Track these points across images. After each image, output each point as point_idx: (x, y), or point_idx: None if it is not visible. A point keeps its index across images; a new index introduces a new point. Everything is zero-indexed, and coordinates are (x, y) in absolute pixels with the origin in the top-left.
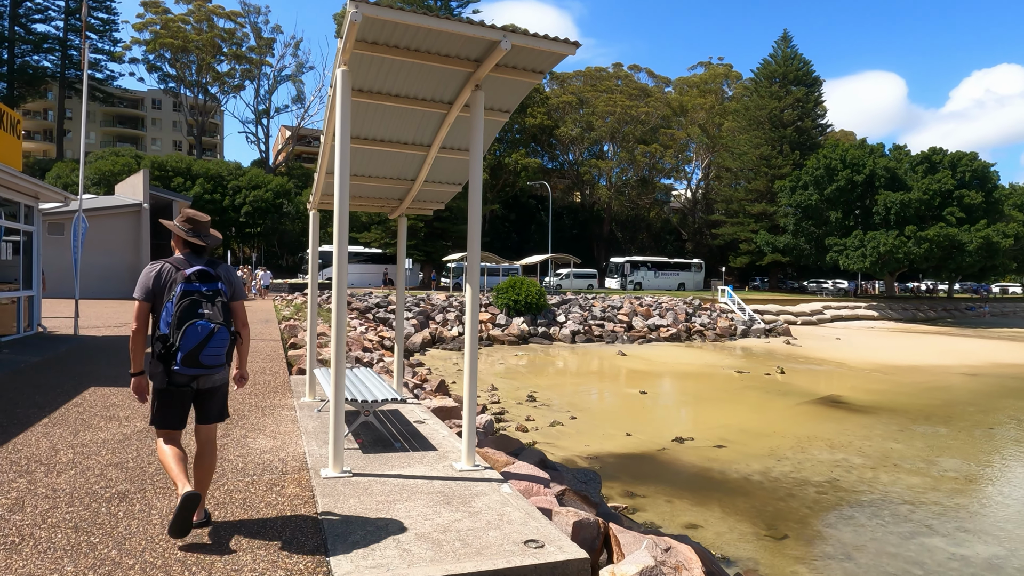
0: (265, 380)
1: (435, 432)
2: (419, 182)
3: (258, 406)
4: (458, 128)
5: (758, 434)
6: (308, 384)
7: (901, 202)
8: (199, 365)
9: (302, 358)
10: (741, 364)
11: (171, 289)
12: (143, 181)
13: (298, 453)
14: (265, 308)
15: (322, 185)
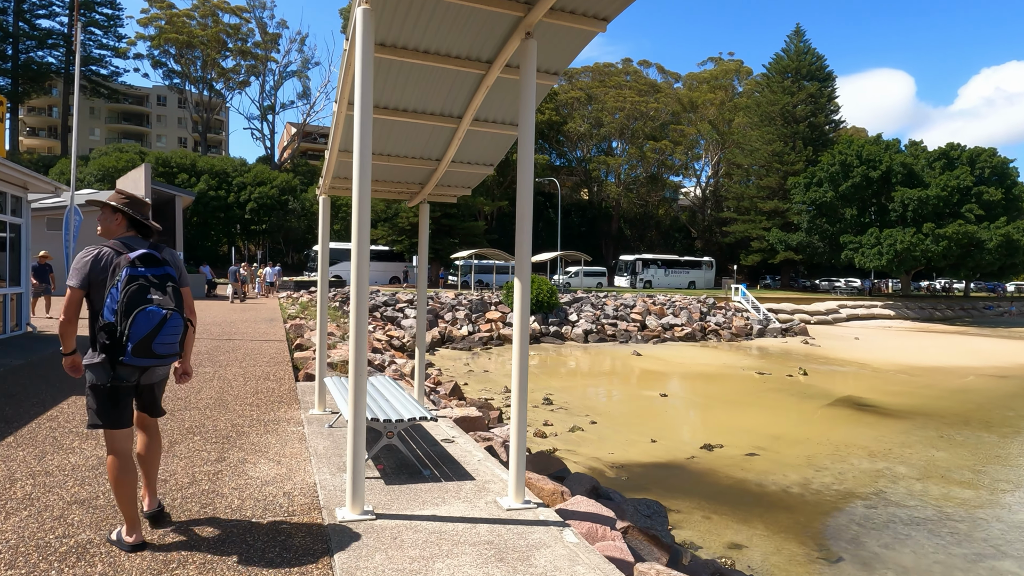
0: (269, 388)
1: (468, 454)
2: (445, 162)
3: (260, 420)
4: (495, 95)
5: (791, 441)
6: (317, 394)
7: (919, 199)
8: (152, 355)
9: (309, 361)
10: (761, 365)
11: (114, 275)
12: (144, 175)
13: (307, 485)
14: (270, 306)
15: (334, 166)
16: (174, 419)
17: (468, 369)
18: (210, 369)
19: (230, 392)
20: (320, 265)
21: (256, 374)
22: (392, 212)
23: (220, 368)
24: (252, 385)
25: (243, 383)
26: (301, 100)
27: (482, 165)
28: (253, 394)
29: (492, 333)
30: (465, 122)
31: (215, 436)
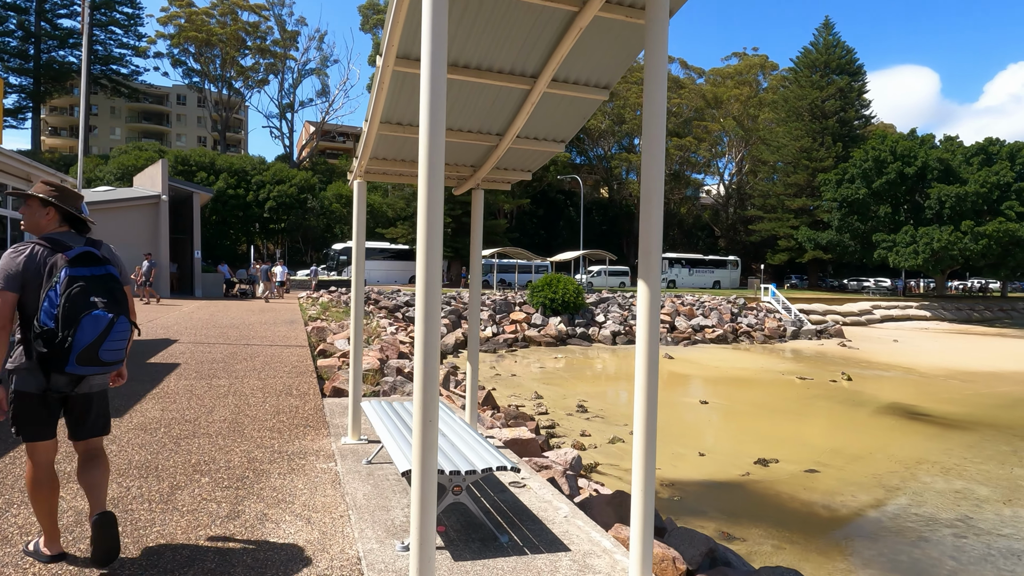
0: (291, 406)
1: (548, 505)
2: (509, 137)
3: (283, 453)
4: (585, 45)
5: (851, 455)
6: (351, 419)
7: (957, 195)
8: (98, 363)
9: (334, 371)
10: (800, 369)
11: (51, 275)
12: (161, 172)
13: (349, 559)
14: (289, 308)
15: (373, 142)
16: (179, 451)
17: (494, 372)
18: (225, 382)
19: (247, 412)
20: (354, 265)
21: (276, 387)
22: (411, 211)
23: (236, 380)
24: (272, 403)
25: (262, 400)
26: (320, 98)
27: (552, 141)
28: (274, 415)
29: (517, 334)
30: (542, 82)
31: (228, 477)
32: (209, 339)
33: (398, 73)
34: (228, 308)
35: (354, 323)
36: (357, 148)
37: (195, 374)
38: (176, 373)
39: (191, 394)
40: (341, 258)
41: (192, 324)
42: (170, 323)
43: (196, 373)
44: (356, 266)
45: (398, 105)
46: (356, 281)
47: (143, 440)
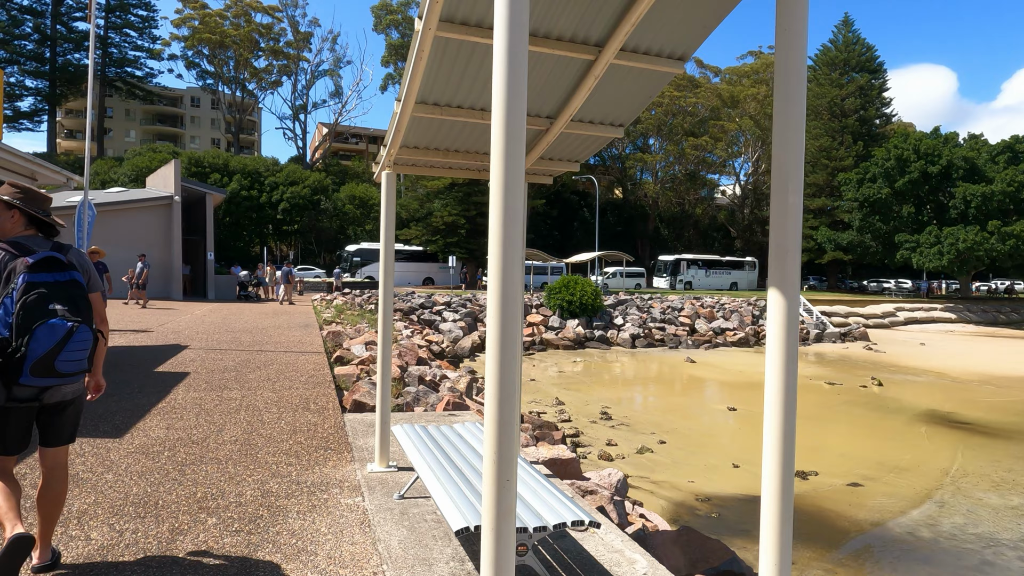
0: (309, 424)
1: (620, 558)
2: (563, 120)
3: (302, 484)
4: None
5: (893, 467)
6: (378, 443)
7: (983, 195)
8: (54, 374)
9: (353, 380)
10: (828, 374)
11: (8, 281)
12: (174, 172)
13: None
14: (303, 311)
15: (407, 126)
16: (184, 481)
17: None
18: (237, 394)
19: (261, 430)
20: (382, 266)
21: (292, 401)
22: (425, 212)
23: (249, 392)
24: (288, 419)
25: (277, 416)
26: (333, 99)
27: (609, 125)
28: (290, 434)
29: (534, 337)
30: (609, 51)
31: (239, 517)
32: (221, 345)
33: (440, 40)
34: (241, 311)
35: (382, 334)
36: (386, 134)
37: (205, 385)
38: (185, 384)
39: (200, 409)
40: (355, 260)
41: (204, 328)
42: (181, 327)
43: (206, 384)
44: (384, 268)
45: (438, 80)
46: (384, 285)
47: (144, 467)
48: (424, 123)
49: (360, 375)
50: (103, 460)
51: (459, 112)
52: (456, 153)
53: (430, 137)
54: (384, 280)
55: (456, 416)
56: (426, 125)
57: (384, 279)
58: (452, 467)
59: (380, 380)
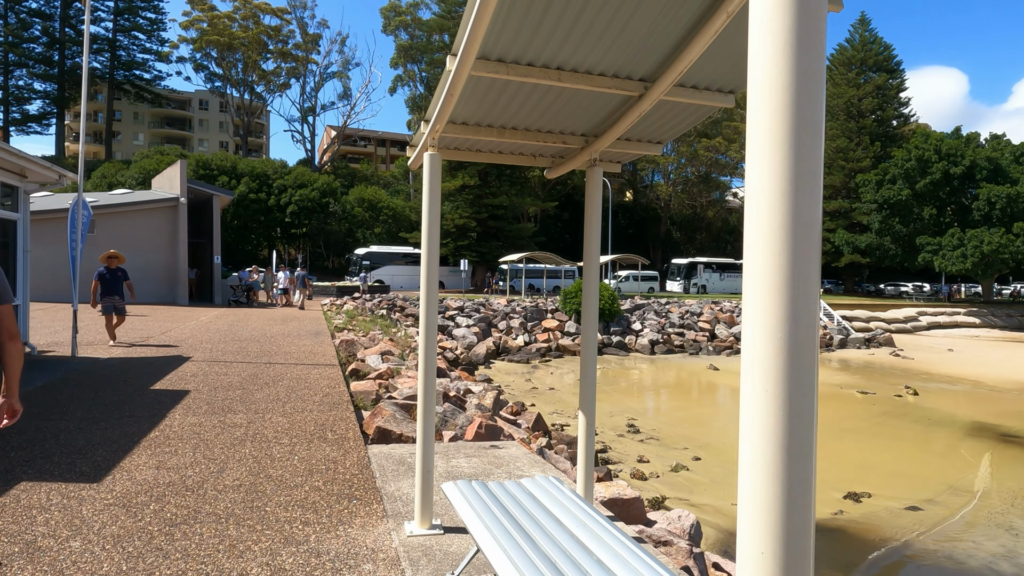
0: (327, 460)
1: None
2: (666, 82)
3: (322, 556)
4: None
5: (952, 487)
6: (419, 495)
7: (1008, 196)
8: None
9: (371, 398)
10: (858, 382)
11: None
12: (180, 173)
13: None
14: (312, 317)
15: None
16: (171, 552)
17: (531, 386)
18: (243, 418)
19: (270, 470)
20: (424, 270)
21: (306, 427)
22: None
23: (256, 416)
24: (303, 453)
25: (289, 449)
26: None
27: (718, 92)
28: (305, 475)
29: (550, 343)
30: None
31: None
32: (226, 356)
33: None
34: (248, 317)
35: (424, 367)
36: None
37: (206, 406)
38: (183, 405)
39: (198, 439)
40: (364, 263)
41: (208, 337)
42: (184, 336)
43: (207, 405)
44: (427, 271)
45: (510, 20)
46: (427, 302)
47: (122, 528)
48: (481, 89)
49: (379, 392)
50: (71, 518)
51: (531, 72)
52: (513, 132)
53: (485, 109)
54: (426, 295)
55: (500, 449)
56: (483, 92)
57: (426, 293)
58: (530, 545)
59: (422, 425)
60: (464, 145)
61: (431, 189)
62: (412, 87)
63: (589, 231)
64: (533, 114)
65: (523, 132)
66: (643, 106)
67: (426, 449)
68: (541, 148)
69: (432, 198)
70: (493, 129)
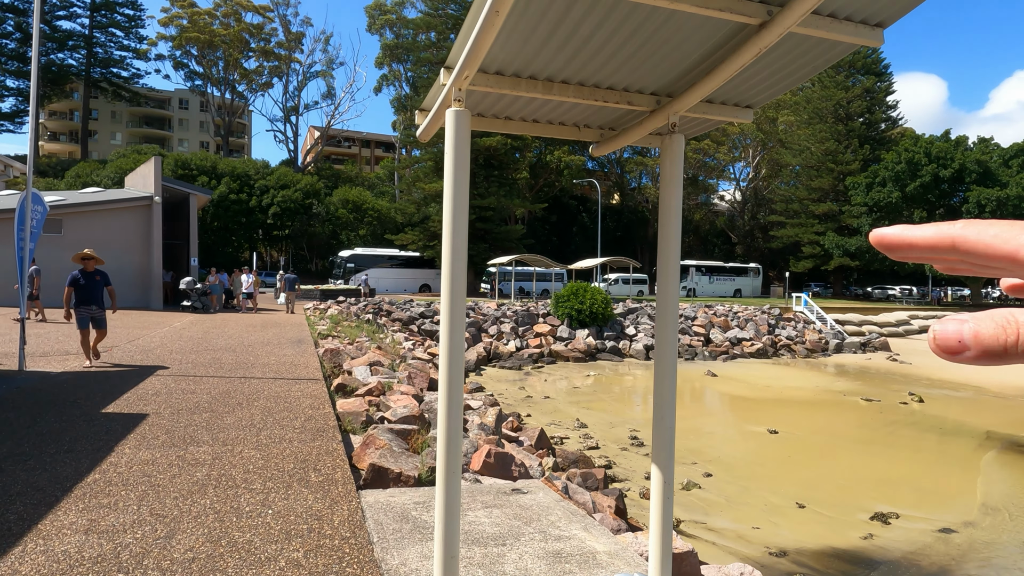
0: (310, 516)
1: None
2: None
3: None
4: None
5: (985, 505)
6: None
7: (998, 199)
8: None
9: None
10: (859, 388)
11: None
12: (154, 171)
13: None
14: (294, 322)
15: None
16: None
17: (525, 394)
18: (207, 452)
19: (233, 533)
20: (448, 271)
21: (284, 466)
22: (421, 216)
23: (224, 449)
24: (278, 504)
25: (261, 499)
26: (325, 100)
27: (861, 24)
28: (280, 539)
29: (542, 349)
30: None
31: None
32: (197, 368)
33: None
34: (226, 323)
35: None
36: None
37: (164, 436)
38: (137, 435)
39: (148, 484)
40: (348, 266)
41: (179, 346)
42: (153, 344)
43: (166, 434)
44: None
45: None
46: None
47: None
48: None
49: (370, 412)
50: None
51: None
52: (563, 88)
53: (532, 49)
54: (450, 302)
55: (525, 494)
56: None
57: (450, 299)
58: None
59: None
60: (493, 108)
61: (456, 159)
62: (398, 87)
63: (666, 216)
64: (596, 59)
65: (576, 88)
66: (764, 40)
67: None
68: (594, 113)
69: (458, 170)
70: (538, 83)
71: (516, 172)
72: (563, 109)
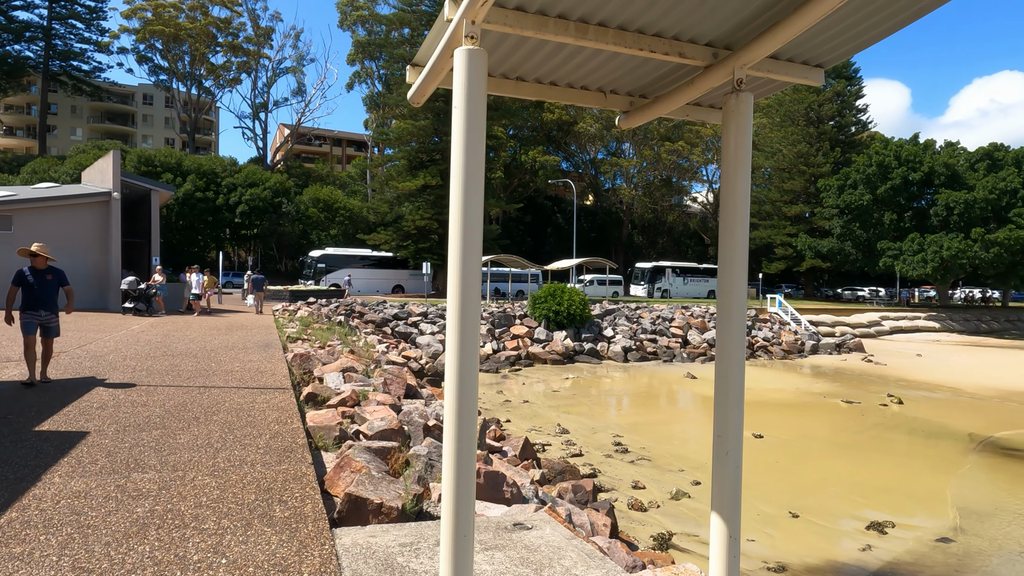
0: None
1: None
2: None
3: None
4: None
5: (976, 513)
6: None
7: (966, 201)
8: None
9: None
10: (839, 390)
11: None
12: (112, 165)
13: None
14: (262, 324)
15: None
16: None
17: (503, 398)
18: (154, 479)
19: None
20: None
21: (244, 497)
22: (394, 216)
23: (175, 476)
24: (234, 550)
25: (213, 543)
26: (295, 97)
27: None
28: None
29: (519, 351)
30: None
31: None
32: (152, 376)
33: None
34: (188, 326)
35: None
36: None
37: (105, 460)
38: (72, 458)
39: (76, 525)
40: (319, 266)
41: (135, 351)
42: (107, 349)
43: (107, 457)
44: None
45: None
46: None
47: None
48: None
49: (344, 426)
50: None
51: None
52: (600, 32)
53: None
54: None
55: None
56: None
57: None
58: None
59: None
60: (504, 65)
61: (469, 111)
62: (370, 84)
63: (731, 196)
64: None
65: (616, 33)
66: None
67: None
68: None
69: (471, 128)
70: (569, 24)
71: (490, 172)
72: (591, 66)
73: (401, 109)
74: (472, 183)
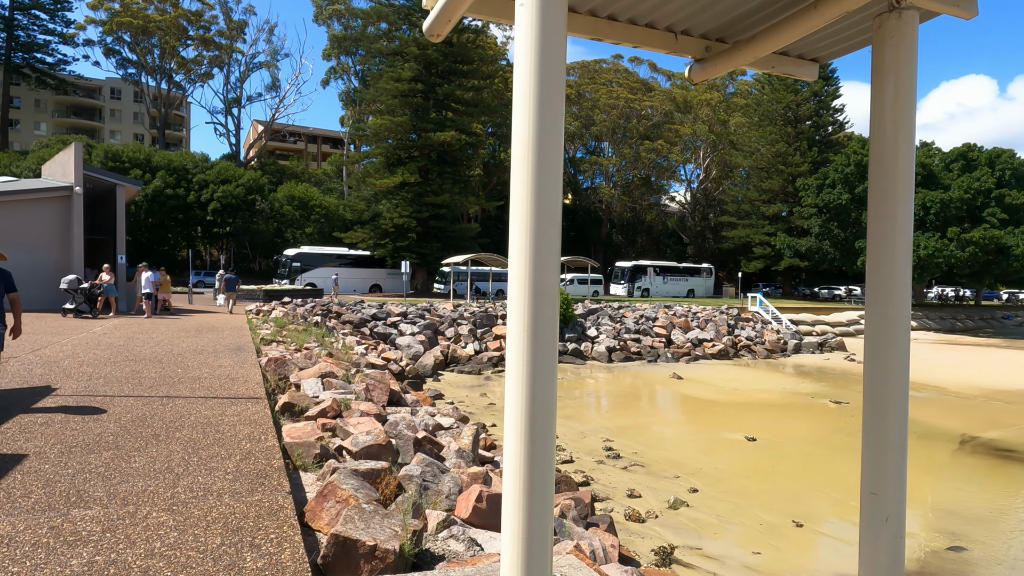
0: None
1: None
2: None
3: None
4: None
5: (979, 519)
6: None
7: (942, 201)
8: None
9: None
10: (825, 390)
11: None
12: (74, 158)
13: None
14: (234, 325)
15: None
16: None
17: (487, 401)
18: (98, 517)
19: None
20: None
21: (208, 541)
22: (372, 214)
23: (124, 514)
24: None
25: None
26: (269, 93)
27: None
28: None
29: (502, 352)
30: None
31: None
32: (110, 385)
33: None
34: (155, 327)
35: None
36: None
37: (40, 491)
38: (1, 489)
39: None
40: (294, 265)
41: (94, 356)
42: (62, 354)
43: (44, 488)
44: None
45: None
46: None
47: None
48: None
49: (325, 441)
50: None
51: None
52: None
53: None
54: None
55: None
56: None
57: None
58: None
59: None
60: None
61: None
62: (346, 80)
63: (890, 145)
64: None
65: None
66: None
67: None
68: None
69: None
70: None
71: (469, 169)
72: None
73: (378, 105)
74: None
